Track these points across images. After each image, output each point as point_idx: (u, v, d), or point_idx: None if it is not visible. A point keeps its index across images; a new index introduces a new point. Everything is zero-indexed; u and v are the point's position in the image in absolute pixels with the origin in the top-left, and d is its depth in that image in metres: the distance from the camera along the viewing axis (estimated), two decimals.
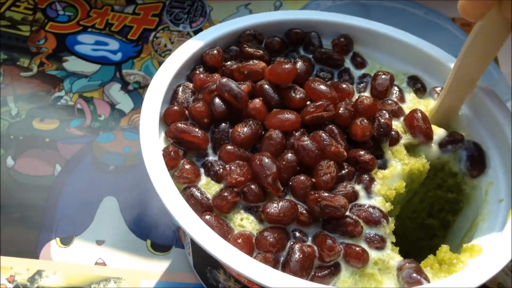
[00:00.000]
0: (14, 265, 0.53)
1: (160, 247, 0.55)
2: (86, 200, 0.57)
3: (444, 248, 0.41)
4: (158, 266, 0.54)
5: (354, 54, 0.52)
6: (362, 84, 0.49)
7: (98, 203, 0.57)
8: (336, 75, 0.50)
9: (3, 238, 0.54)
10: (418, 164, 0.45)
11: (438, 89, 0.50)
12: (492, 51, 0.44)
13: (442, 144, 0.46)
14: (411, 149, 0.46)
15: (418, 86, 0.50)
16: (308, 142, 0.41)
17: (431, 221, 0.51)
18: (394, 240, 0.41)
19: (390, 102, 0.47)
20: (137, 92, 0.67)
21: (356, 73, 0.51)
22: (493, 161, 0.46)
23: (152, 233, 0.56)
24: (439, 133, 0.46)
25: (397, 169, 0.44)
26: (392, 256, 0.40)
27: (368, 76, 0.50)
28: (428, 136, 0.45)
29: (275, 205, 0.39)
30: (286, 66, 0.44)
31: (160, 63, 0.70)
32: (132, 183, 0.59)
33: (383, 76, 0.49)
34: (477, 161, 0.46)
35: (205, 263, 0.47)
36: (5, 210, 0.56)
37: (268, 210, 0.39)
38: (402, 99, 0.49)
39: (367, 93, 0.49)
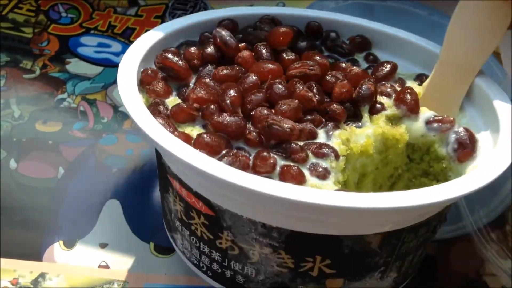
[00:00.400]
0: (17, 267, 0.53)
1: (163, 250, 0.55)
2: (89, 203, 0.57)
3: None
4: (161, 269, 0.54)
5: (368, 53, 0.53)
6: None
7: (101, 206, 0.57)
8: (342, 61, 0.51)
9: (6, 240, 0.54)
10: (394, 131, 0.44)
11: None
12: (483, 28, 0.42)
13: (428, 122, 0.45)
14: (394, 122, 0.46)
15: (423, 80, 0.50)
16: (279, 84, 0.43)
17: None
18: (341, 180, 0.41)
19: (387, 84, 0.48)
20: None
21: (364, 65, 0.51)
22: (483, 150, 0.44)
23: (156, 235, 0.56)
24: (428, 113, 0.45)
25: (369, 129, 0.43)
26: (332, 187, 0.39)
27: (373, 67, 0.50)
28: (412, 108, 0.44)
29: (224, 116, 0.40)
30: (284, 28, 0.47)
31: None
32: (135, 186, 0.59)
33: (386, 64, 0.49)
34: (467, 145, 0.44)
35: (163, 193, 0.48)
36: (8, 213, 0.56)
37: (215, 117, 0.40)
38: (402, 84, 0.49)
39: None
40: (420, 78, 0.50)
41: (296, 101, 0.42)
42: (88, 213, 0.57)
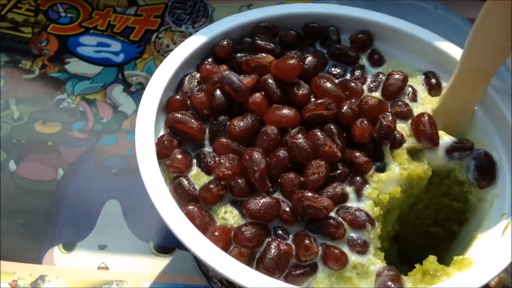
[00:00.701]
0: (17, 270, 0.53)
1: (163, 249, 0.55)
2: (88, 204, 0.57)
3: (431, 259, 0.41)
4: (161, 268, 0.54)
5: (372, 51, 0.51)
6: (374, 83, 0.48)
7: (101, 207, 0.57)
8: (349, 71, 0.49)
9: (6, 244, 0.54)
10: (418, 170, 0.44)
11: None
12: (506, 35, 0.40)
13: (449, 151, 0.45)
14: (414, 154, 0.45)
15: (433, 83, 0.49)
16: (302, 140, 0.41)
17: (436, 229, 0.50)
18: (379, 246, 0.41)
19: (400, 103, 0.47)
20: (139, 93, 0.67)
21: (371, 71, 0.50)
22: (502, 171, 0.44)
23: (155, 235, 0.56)
24: (446, 139, 0.45)
25: (394, 173, 0.43)
26: (373, 262, 0.39)
27: (382, 74, 0.49)
28: (434, 141, 0.44)
29: (256, 200, 0.39)
30: (291, 61, 0.44)
31: None
32: (135, 186, 0.59)
33: (396, 76, 0.47)
34: (486, 172, 0.44)
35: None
36: (8, 216, 0.56)
37: (249, 205, 0.39)
38: (414, 99, 0.48)
39: (378, 93, 0.48)
40: (428, 80, 0.49)
41: (323, 163, 0.40)
42: (88, 215, 0.57)
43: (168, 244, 0.55)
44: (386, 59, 0.51)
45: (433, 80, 0.49)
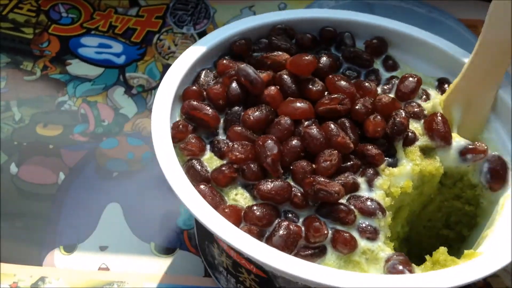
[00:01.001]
0: (17, 272, 0.53)
1: (164, 250, 0.55)
2: (89, 207, 0.58)
3: (441, 250, 0.41)
4: (162, 269, 0.54)
5: (386, 57, 0.52)
6: (388, 86, 0.49)
7: (102, 210, 0.57)
8: (363, 75, 0.50)
9: (6, 246, 0.55)
10: (430, 167, 0.44)
11: None
12: None
13: (462, 153, 0.45)
14: (427, 152, 0.46)
15: (446, 88, 0.49)
16: (315, 130, 0.42)
17: (447, 232, 0.51)
18: (389, 235, 0.41)
19: (413, 104, 0.47)
20: (140, 96, 0.67)
21: (385, 75, 0.50)
22: None
23: (157, 236, 0.56)
24: (460, 141, 0.45)
25: (406, 168, 0.43)
26: (383, 249, 0.40)
27: (395, 78, 0.49)
28: (446, 139, 0.45)
29: (268, 182, 0.40)
30: (307, 57, 0.45)
31: (164, 66, 0.70)
32: (136, 189, 0.59)
33: (410, 79, 0.48)
34: (500, 175, 0.44)
35: (204, 238, 0.48)
36: (9, 219, 0.56)
37: (260, 186, 0.40)
38: (427, 101, 0.48)
39: (392, 94, 0.48)
40: (441, 86, 0.50)
41: (336, 152, 0.41)
42: (89, 217, 0.57)
43: (169, 244, 0.55)
44: (400, 65, 0.51)
45: (446, 86, 0.49)
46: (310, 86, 0.45)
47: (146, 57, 0.71)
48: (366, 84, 0.47)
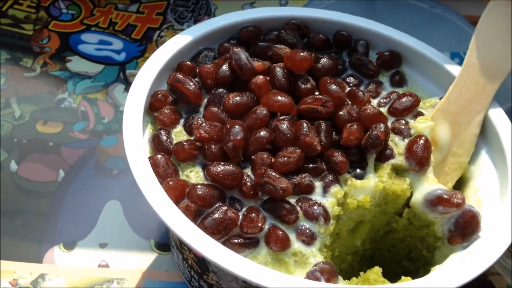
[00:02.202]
0: (17, 269, 0.53)
1: (164, 246, 0.55)
2: (89, 205, 0.58)
3: (376, 269, 0.41)
4: (162, 265, 0.54)
5: (395, 72, 0.51)
6: (385, 99, 0.48)
7: (102, 208, 0.57)
8: (364, 83, 0.50)
9: (6, 243, 0.55)
10: (396, 187, 0.43)
11: None
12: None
13: (433, 202, 0.41)
14: (400, 173, 0.44)
15: None
16: (285, 125, 0.42)
17: (407, 264, 0.49)
18: (328, 243, 0.41)
19: (401, 121, 0.46)
20: None
21: (388, 89, 0.49)
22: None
23: (156, 233, 0.56)
24: (436, 189, 0.42)
25: (369, 183, 0.43)
26: (315, 255, 0.39)
27: (396, 93, 0.48)
28: (421, 164, 0.42)
29: (220, 165, 0.40)
30: (302, 53, 0.45)
31: None
32: (136, 187, 0.58)
33: (408, 98, 0.47)
34: (463, 233, 0.40)
35: (170, 241, 0.49)
36: (9, 216, 0.56)
37: (211, 167, 0.40)
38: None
39: (385, 108, 0.47)
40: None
41: (299, 151, 0.41)
42: (88, 215, 0.57)
43: (169, 241, 0.56)
44: (408, 82, 0.51)
45: None
46: (299, 83, 0.45)
47: (146, 54, 0.70)
48: (360, 93, 0.46)
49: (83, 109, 0.65)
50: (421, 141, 0.44)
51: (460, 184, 0.47)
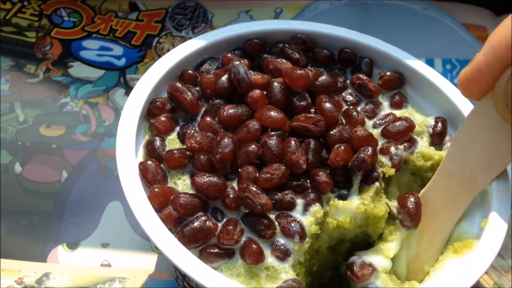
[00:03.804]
0: (22, 268, 0.54)
1: None
2: (91, 205, 0.59)
3: None
4: (162, 265, 0.55)
5: (396, 93, 0.50)
6: (381, 121, 0.48)
7: (104, 208, 0.59)
8: (363, 103, 0.49)
9: (11, 243, 0.56)
10: (377, 210, 0.43)
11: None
12: (495, 144, 0.38)
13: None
14: (380, 196, 0.44)
15: (439, 130, 0.48)
16: (274, 141, 0.42)
17: None
18: (303, 260, 0.41)
19: (393, 143, 0.46)
20: None
21: (386, 110, 0.49)
22: None
23: None
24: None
25: (351, 205, 0.43)
26: (287, 271, 0.40)
27: (393, 115, 0.48)
28: (413, 220, 0.43)
29: (205, 176, 0.41)
30: (300, 71, 0.45)
31: None
32: None
33: (403, 122, 0.46)
34: None
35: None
36: (14, 216, 0.58)
37: (196, 177, 0.41)
38: (410, 146, 0.47)
39: (378, 130, 0.47)
40: (435, 126, 0.48)
41: (283, 168, 0.41)
42: (91, 215, 0.58)
43: None
44: (409, 104, 0.50)
45: (439, 128, 0.48)
46: (295, 100, 0.45)
47: (146, 59, 0.72)
48: (354, 113, 0.46)
49: (84, 112, 0.66)
50: (413, 199, 0.43)
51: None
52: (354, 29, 0.53)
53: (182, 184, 0.42)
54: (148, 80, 0.46)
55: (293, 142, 0.42)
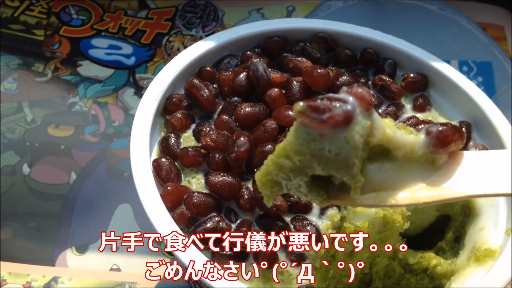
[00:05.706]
0: (31, 272, 0.54)
1: None
2: (101, 207, 0.58)
3: None
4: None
5: (419, 96, 0.49)
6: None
7: (113, 210, 0.58)
8: (384, 105, 0.48)
9: (19, 246, 0.55)
10: (395, 216, 0.42)
11: (477, 147, 0.46)
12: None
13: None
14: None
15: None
16: None
17: None
18: (318, 266, 0.41)
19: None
20: None
21: (409, 113, 0.48)
22: None
23: None
24: None
25: (370, 210, 0.42)
26: (301, 276, 0.39)
27: (415, 118, 0.47)
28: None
29: (220, 175, 0.40)
30: (320, 70, 0.45)
31: None
32: None
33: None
34: None
35: None
36: (22, 219, 0.57)
37: (210, 176, 0.40)
38: None
39: None
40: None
41: None
42: (100, 218, 0.57)
43: None
44: (433, 106, 0.49)
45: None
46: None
47: (155, 58, 0.71)
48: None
49: (93, 112, 0.66)
50: None
51: (468, 219, 0.46)
52: None
53: (196, 183, 0.42)
54: (165, 76, 0.46)
55: None
